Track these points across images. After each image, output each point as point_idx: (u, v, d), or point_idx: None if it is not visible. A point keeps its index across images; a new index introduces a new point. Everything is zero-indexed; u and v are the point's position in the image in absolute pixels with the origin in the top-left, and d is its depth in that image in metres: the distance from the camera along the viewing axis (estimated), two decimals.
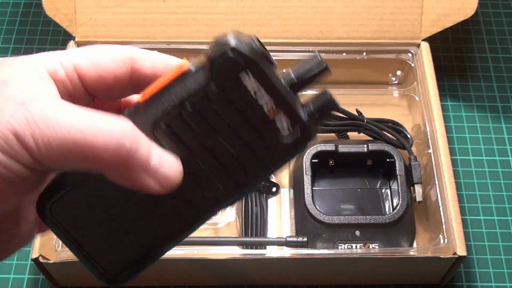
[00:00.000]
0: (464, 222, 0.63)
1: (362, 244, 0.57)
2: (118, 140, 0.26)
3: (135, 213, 0.29)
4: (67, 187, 0.29)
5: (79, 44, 0.66)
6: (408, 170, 0.61)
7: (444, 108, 0.70)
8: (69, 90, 0.28)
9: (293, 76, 0.29)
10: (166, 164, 0.27)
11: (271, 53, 0.29)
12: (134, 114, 0.28)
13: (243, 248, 0.58)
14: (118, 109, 0.32)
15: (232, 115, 0.27)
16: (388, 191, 0.62)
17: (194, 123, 0.28)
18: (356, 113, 0.65)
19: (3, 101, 0.25)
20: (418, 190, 0.60)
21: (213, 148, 0.28)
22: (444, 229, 0.56)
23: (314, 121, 0.29)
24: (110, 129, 0.26)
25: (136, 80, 0.29)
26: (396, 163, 0.60)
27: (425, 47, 0.66)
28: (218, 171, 0.28)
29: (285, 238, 0.57)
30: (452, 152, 0.67)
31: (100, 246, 0.29)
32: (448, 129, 0.69)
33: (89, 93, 0.29)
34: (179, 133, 0.28)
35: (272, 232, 0.62)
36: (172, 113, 0.27)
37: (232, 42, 0.27)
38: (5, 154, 0.25)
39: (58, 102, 0.26)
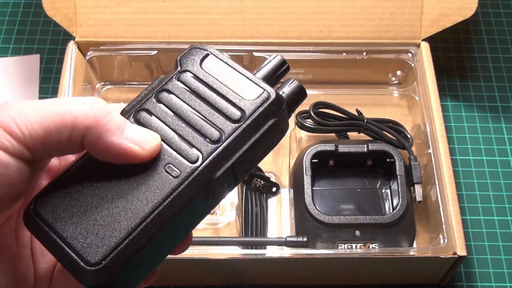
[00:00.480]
0: (464, 222, 0.63)
1: (362, 244, 0.57)
2: (91, 103, 0.28)
3: (115, 196, 0.29)
4: (49, 185, 0.29)
5: (79, 44, 0.66)
6: (408, 170, 0.61)
7: (444, 108, 0.70)
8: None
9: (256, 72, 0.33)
10: (140, 130, 0.29)
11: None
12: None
13: (243, 248, 0.58)
14: None
15: (201, 89, 0.31)
16: (388, 191, 0.62)
17: (167, 102, 0.31)
18: (356, 113, 0.65)
19: None
20: (418, 190, 0.60)
21: (187, 119, 0.30)
22: (444, 229, 0.56)
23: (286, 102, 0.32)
24: (83, 99, 0.28)
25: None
26: (396, 163, 0.60)
27: (425, 47, 0.66)
28: (194, 137, 0.30)
29: (285, 238, 0.57)
30: (452, 152, 0.67)
31: (81, 236, 0.28)
32: (448, 129, 0.69)
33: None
34: (156, 113, 0.30)
35: (272, 232, 0.62)
36: (148, 101, 0.31)
37: (195, 45, 0.32)
38: None
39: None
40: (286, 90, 0.33)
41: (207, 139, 0.30)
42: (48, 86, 0.73)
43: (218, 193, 0.30)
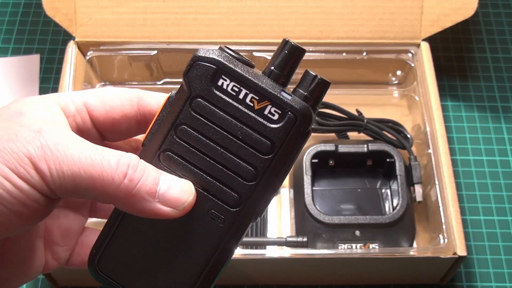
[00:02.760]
0: (464, 222, 0.63)
1: (362, 244, 0.57)
2: (123, 171, 0.27)
3: (170, 245, 0.30)
4: (108, 235, 0.30)
5: (79, 44, 0.66)
6: (408, 170, 0.61)
7: (444, 108, 0.70)
8: (79, 125, 0.30)
9: (271, 67, 0.30)
10: (174, 187, 0.28)
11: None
12: (142, 151, 0.30)
13: (243, 248, 0.58)
14: None
15: (222, 119, 0.29)
16: (388, 191, 0.62)
17: (191, 140, 0.29)
18: (356, 113, 0.65)
19: (19, 128, 0.27)
20: (418, 190, 0.60)
21: (216, 157, 0.29)
22: (444, 229, 0.56)
23: (310, 103, 0.29)
24: (117, 161, 0.27)
25: (143, 117, 0.31)
26: (396, 163, 0.60)
27: (425, 47, 0.66)
28: (229, 178, 0.29)
29: (285, 238, 0.57)
30: (452, 152, 0.67)
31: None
32: (448, 129, 0.69)
33: (97, 130, 0.31)
34: (183, 154, 0.29)
35: (272, 232, 0.62)
36: (169, 138, 0.29)
37: (199, 52, 0.29)
38: (20, 178, 0.26)
39: (70, 133, 0.28)
40: (308, 89, 0.30)
41: (243, 179, 0.29)
42: (48, 86, 0.73)
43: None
